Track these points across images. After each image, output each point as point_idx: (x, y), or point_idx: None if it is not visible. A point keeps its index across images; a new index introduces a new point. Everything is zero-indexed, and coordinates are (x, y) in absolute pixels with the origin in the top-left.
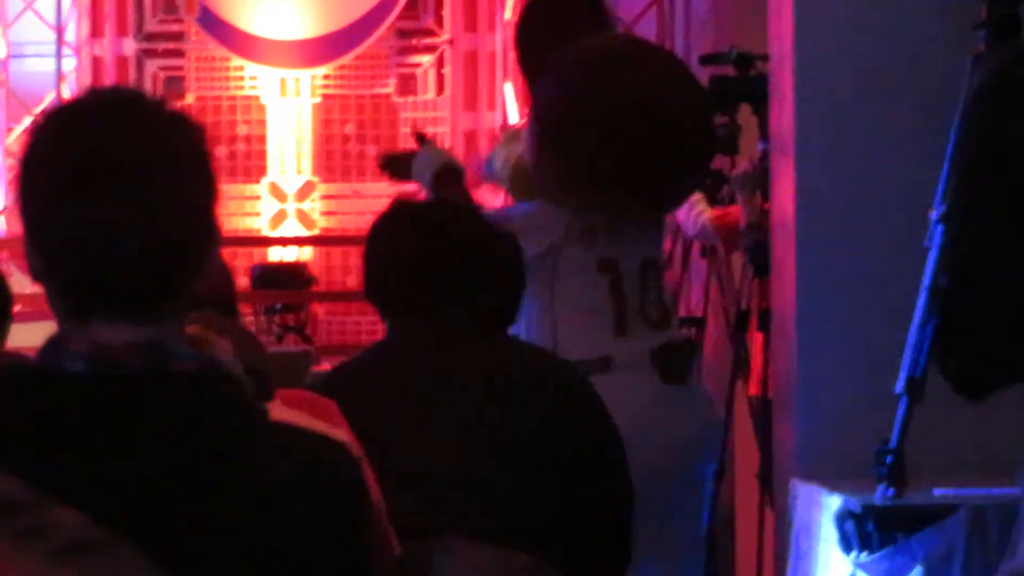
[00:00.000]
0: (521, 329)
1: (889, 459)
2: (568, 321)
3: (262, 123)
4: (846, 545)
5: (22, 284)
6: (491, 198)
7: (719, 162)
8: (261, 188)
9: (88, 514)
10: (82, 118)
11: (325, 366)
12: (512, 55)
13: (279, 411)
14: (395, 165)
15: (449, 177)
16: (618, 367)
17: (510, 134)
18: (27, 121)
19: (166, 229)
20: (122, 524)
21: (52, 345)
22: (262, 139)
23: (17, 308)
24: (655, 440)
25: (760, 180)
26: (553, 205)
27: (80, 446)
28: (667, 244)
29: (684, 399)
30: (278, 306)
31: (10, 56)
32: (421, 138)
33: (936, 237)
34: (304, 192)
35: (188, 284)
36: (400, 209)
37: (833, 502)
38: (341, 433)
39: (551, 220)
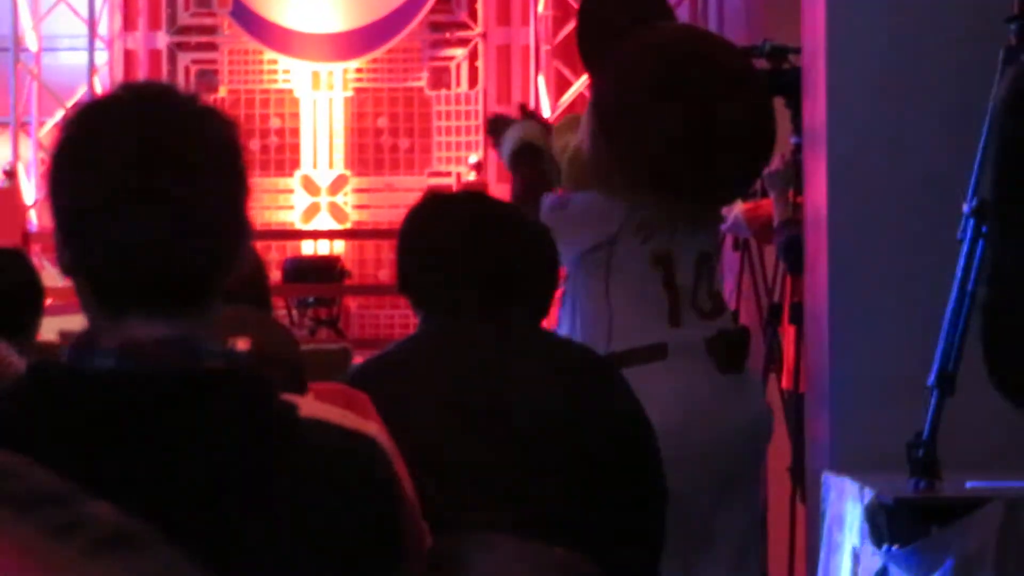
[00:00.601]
0: (576, 321)
1: (921, 452)
2: (623, 312)
3: (295, 116)
4: (878, 538)
5: (54, 277)
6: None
7: None
8: (294, 181)
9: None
10: (113, 116)
11: (357, 359)
12: (545, 48)
13: (309, 407)
14: (496, 128)
15: (527, 157)
16: (673, 355)
17: (569, 120)
18: (60, 114)
19: (200, 227)
20: (154, 521)
21: (82, 342)
22: (295, 132)
23: (49, 302)
24: (713, 428)
25: (792, 176)
26: (609, 197)
27: (111, 444)
28: None
29: (739, 388)
30: (311, 300)
31: (43, 49)
32: (523, 109)
33: (968, 230)
34: (337, 185)
35: (222, 280)
36: (432, 202)
37: (865, 495)
38: (373, 426)
39: (608, 212)
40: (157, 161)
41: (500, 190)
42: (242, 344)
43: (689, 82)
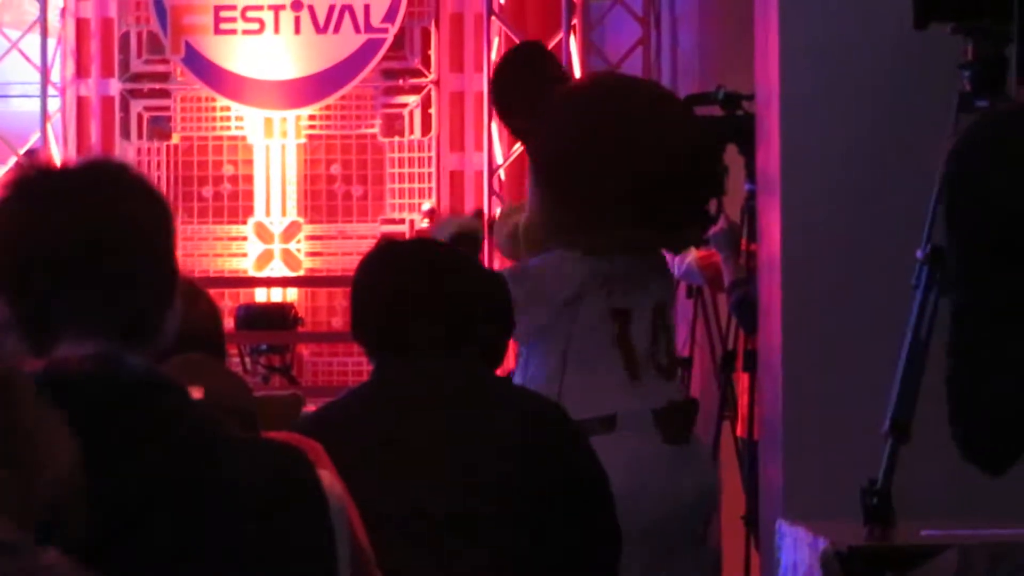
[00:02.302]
0: (528, 378)
1: (875, 500)
2: (576, 376)
3: (248, 163)
4: None
5: None
6: None
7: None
8: (247, 229)
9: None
10: (53, 188)
11: (310, 407)
12: None
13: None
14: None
15: (464, 246)
16: (622, 427)
17: (509, 209)
18: (12, 161)
19: (132, 284)
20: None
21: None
22: (248, 179)
23: None
24: (657, 500)
25: (739, 237)
26: (568, 252)
27: None
28: None
29: (685, 459)
30: (263, 347)
31: None
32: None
33: (923, 277)
34: (290, 233)
35: (154, 323)
36: (385, 247)
37: (819, 543)
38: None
39: (570, 268)
40: (93, 234)
41: None
42: (196, 393)
43: (615, 115)
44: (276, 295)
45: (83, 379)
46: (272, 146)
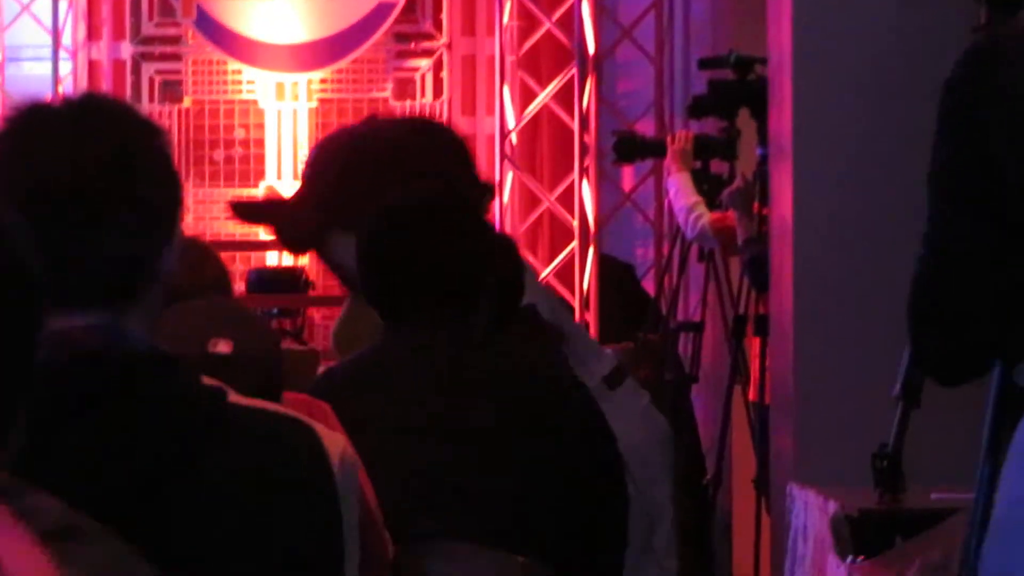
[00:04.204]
0: None
1: (886, 464)
2: None
3: (260, 127)
4: (843, 550)
5: None
6: None
7: (718, 166)
8: (258, 192)
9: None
10: (47, 123)
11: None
12: (511, 59)
13: (236, 397)
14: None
15: None
16: None
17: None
18: None
19: (122, 231)
20: (86, 507)
21: None
22: (260, 143)
23: None
24: None
25: (755, 194)
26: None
27: (42, 433)
28: (665, 248)
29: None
30: (274, 311)
31: (6, 60)
32: None
33: None
34: None
35: (145, 283)
36: (393, 207)
37: (830, 507)
38: (320, 426)
39: None
40: (80, 164)
41: None
42: (223, 347)
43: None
44: (287, 259)
45: (86, 357)
46: (283, 110)
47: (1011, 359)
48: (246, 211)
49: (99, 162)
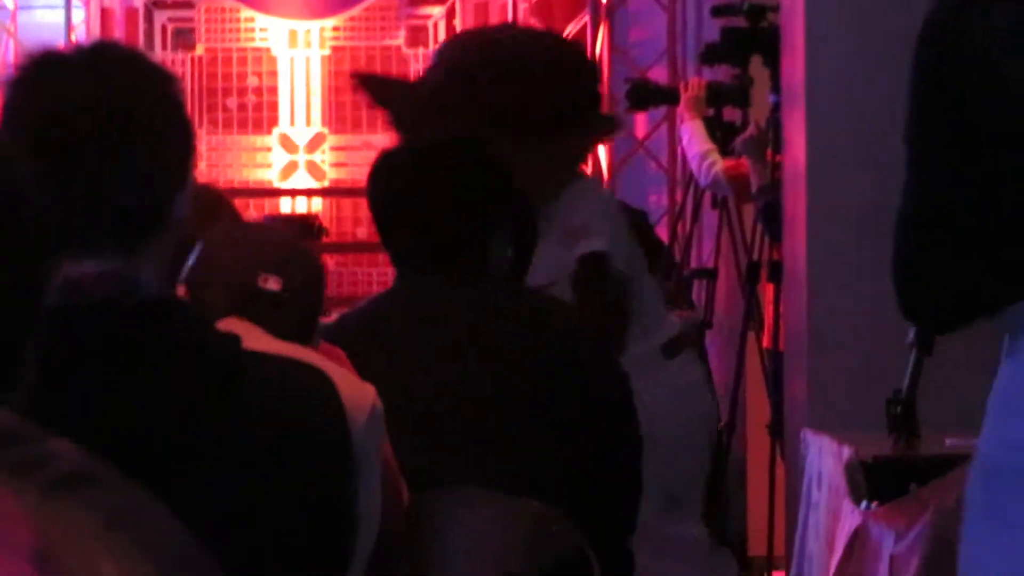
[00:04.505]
0: None
1: (900, 409)
2: None
3: (273, 75)
4: (857, 496)
5: None
6: None
7: (731, 114)
8: (272, 140)
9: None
10: (62, 69)
11: (332, 317)
12: (523, 6)
13: (254, 341)
14: None
15: None
16: None
17: None
18: None
19: (134, 176)
20: (103, 454)
21: None
22: (273, 91)
23: None
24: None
25: (768, 141)
26: None
27: (56, 379)
28: (678, 195)
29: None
30: None
31: (19, 8)
32: None
33: None
34: (315, 143)
35: (158, 228)
36: (400, 151)
37: (844, 452)
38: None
39: None
40: (92, 111)
41: None
42: (272, 283)
43: None
44: (301, 206)
45: (98, 301)
46: (296, 57)
47: (993, 306)
48: (376, 89)
49: (111, 109)
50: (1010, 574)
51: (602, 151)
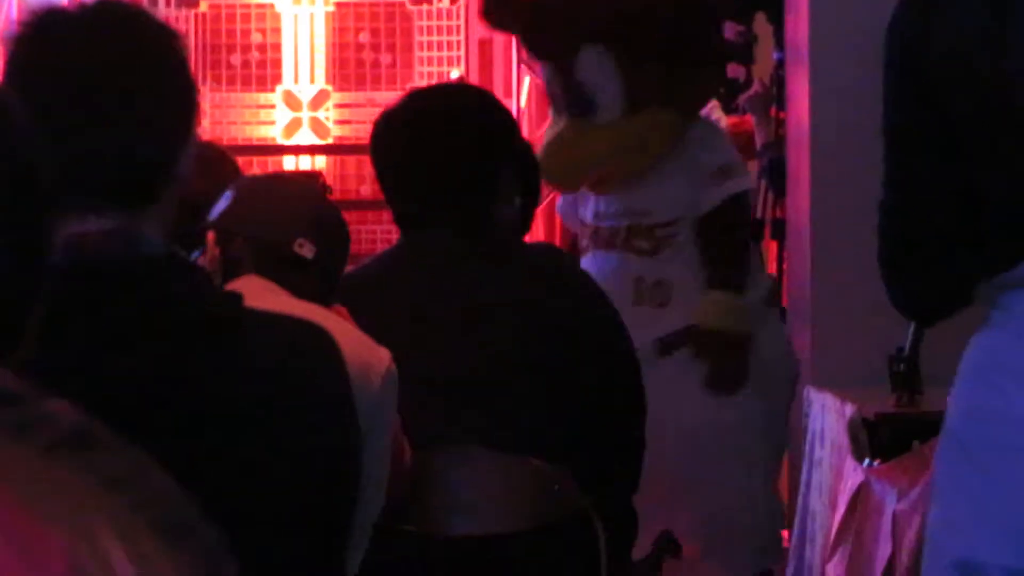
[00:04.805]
0: None
1: (902, 367)
2: None
3: (276, 31)
4: (859, 453)
5: None
6: None
7: (734, 71)
8: (276, 97)
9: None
10: (64, 26)
11: None
12: None
13: (256, 299)
14: None
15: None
16: None
17: None
18: None
19: (139, 133)
20: (104, 414)
21: None
22: (276, 47)
23: None
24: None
25: (773, 99)
26: None
27: (58, 336)
28: None
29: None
30: None
31: None
32: None
33: None
34: (318, 101)
35: (162, 185)
36: (404, 106)
37: (847, 410)
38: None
39: None
40: (95, 68)
41: None
42: (307, 250)
43: None
44: (304, 163)
45: (103, 260)
46: (300, 13)
47: (972, 282)
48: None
49: (114, 66)
50: (974, 534)
51: None
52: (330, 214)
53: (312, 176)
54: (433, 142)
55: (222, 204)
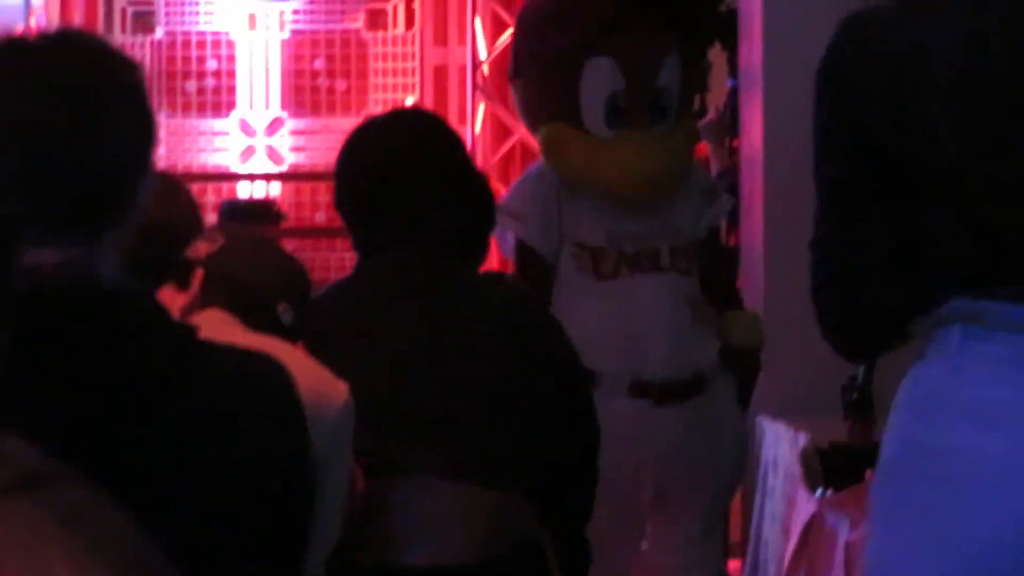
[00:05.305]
0: None
1: (855, 396)
2: None
3: (232, 58)
4: (812, 483)
5: None
6: None
7: None
8: (230, 123)
9: (27, 437)
10: (22, 53)
11: None
12: None
13: (210, 330)
14: None
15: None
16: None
17: None
18: None
19: (95, 162)
20: (56, 447)
21: None
22: (232, 74)
23: None
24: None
25: (727, 127)
26: None
27: (11, 368)
28: None
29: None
30: None
31: None
32: None
33: None
34: (273, 127)
35: (118, 215)
36: (356, 141)
37: (800, 439)
38: (280, 349)
39: None
40: (55, 97)
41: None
42: (287, 316)
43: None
44: (259, 190)
45: (58, 290)
46: (255, 40)
47: (906, 318)
48: None
49: (74, 95)
50: (912, 568)
51: None
52: (305, 276)
53: (266, 203)
54: (401, 168)
55: (210, 246)
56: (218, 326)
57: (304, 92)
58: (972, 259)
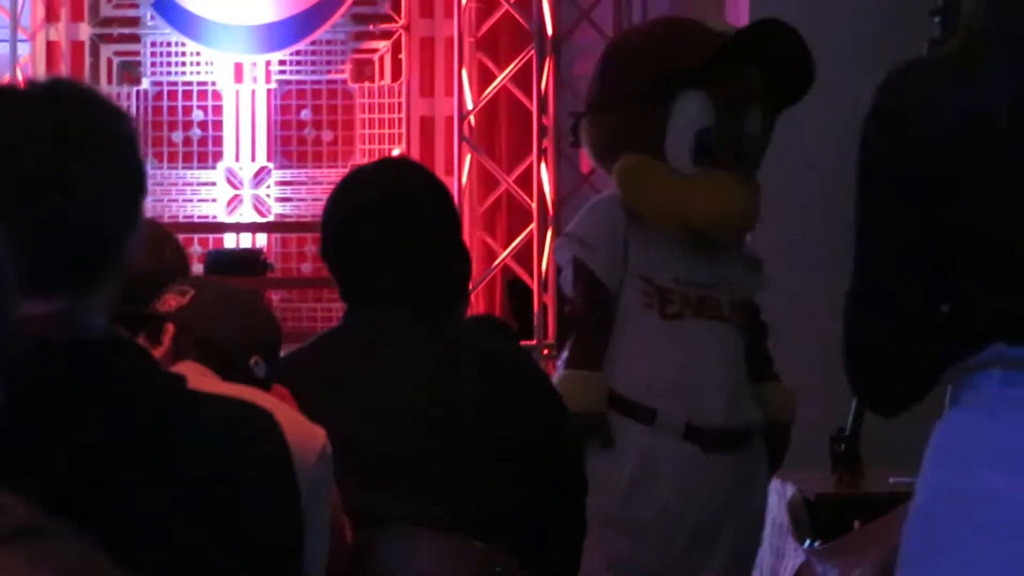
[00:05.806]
0: None
1: (843, 447)
2: None
3: (218, 109)
4: (801, 534)
5: None
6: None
7: None
8: (217, 174)
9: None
10: (12, 105)
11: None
12: (469, 40)
13: (197, 380)
14: None
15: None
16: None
17: None
18: None
19: (84, 215)
20: (45, 497)
21: None
22: (218, 125)
23: None
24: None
25: None
26: None
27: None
28: None
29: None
30: None
31: None
32: None
33: None
34: (260, 178)
35: (108, 268)
36: (339, 197)
37: (787, 490)
38: (267, 400)
39: None
40: (48, 152)
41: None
42: (260, 370)
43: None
44: (245, 241)
45: (47, 342)
46: (242, 91)
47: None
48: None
49: (64, 146)
50: None
51: (547, 185)
52: (279, 339)
53: (253, 254)
54: (388, 219)
55: (180, 299)
56: (195, 378)
57: (290, 143)
58: (1014, 316)
